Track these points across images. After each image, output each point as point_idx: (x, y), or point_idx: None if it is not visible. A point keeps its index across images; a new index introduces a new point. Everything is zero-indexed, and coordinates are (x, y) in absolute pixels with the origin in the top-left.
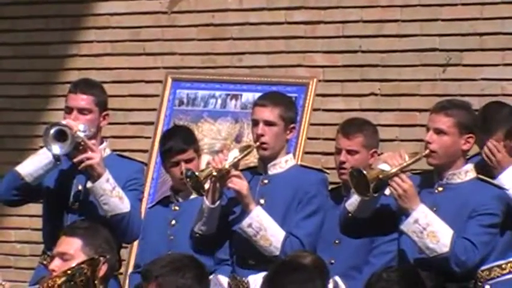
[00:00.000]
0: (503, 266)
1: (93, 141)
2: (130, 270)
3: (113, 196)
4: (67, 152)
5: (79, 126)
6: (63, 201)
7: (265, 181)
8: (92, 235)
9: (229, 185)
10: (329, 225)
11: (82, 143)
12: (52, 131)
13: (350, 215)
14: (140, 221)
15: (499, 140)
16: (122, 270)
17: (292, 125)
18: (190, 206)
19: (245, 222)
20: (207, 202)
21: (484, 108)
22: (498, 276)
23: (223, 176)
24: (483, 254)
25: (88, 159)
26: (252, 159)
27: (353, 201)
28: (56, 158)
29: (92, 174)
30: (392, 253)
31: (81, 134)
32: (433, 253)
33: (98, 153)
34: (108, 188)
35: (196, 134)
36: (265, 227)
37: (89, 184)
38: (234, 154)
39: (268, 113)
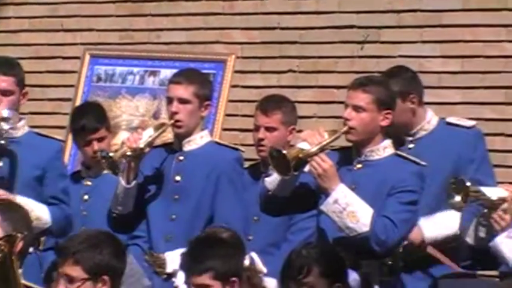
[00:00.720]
0: None
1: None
2: None
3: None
4: None
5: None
6: None
7: (181, 158)
8: (8, 211)
9: None
10: (248, 202)
11: None
12: None
13: (270, 193)
14: (67, 217)
15: None
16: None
17: (207, 102)
18: (103, 181)
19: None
20: (122, 182)
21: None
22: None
23: (138, 155)
24: (403, 231)
25: None
26: (169, 135)
27: (273, 179)
28: None
29: None
30: (310, 229)
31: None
32: (353, 232)
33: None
34: None
35: (114, 111)
36: None
37: None
38: (148, 133)
39: (182, 91)
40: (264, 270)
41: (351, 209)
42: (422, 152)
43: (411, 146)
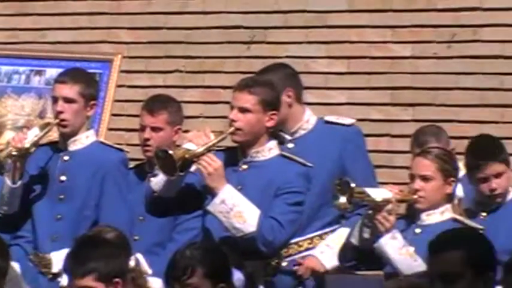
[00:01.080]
0: (300, 243)
1: None
2: None
3: None
4: None
5: None
6: None
7: (66, 157)
8: None
9: None
10: (133, 203)
11: None
12: None
13: (155, 194)
14: None
15: None
16: None
17: (92, 102)
18: None
19: None
20: (8, 182)
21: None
22: (295, 254)
23: (23, 155)
24: (290, 232)
25: None
26: (55, 135)
27: (159, 180)
28: None
29: None
30: (196, 230)
31: None
32: (239, 233)
33: None
34: None
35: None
36: None
37: None
38: (34, 132)
39: (68, 90)
40: (149, 271)
41: (237, 209)
42: (302, 152)
43: (291, 145)
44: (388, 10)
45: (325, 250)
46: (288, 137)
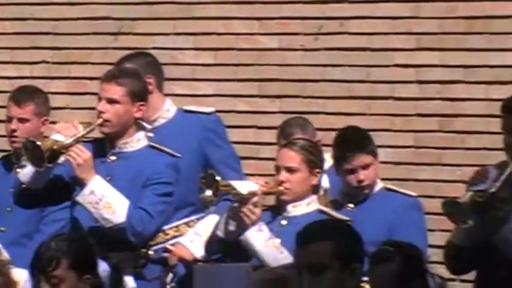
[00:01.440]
0: (167, 231)
1: None
2: None
3: None
4: None
5: None
6: None
7: None
8: None
9: None
10: (0, 194)
11: None
12: None
13: (23, 185)
14: None
15: None
16: None
17: None
18: None
19: None
20: None
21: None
22: (162, 242)
23: None
24: (159, 223)
25: None
26: None
27: (27, 172)
28: None
29: None
30: (63, 221)
31: None
32: (109, 224)
33: None
34: None
35: None
36: None
37: None
38: None
39: None
40: (8, 258)
41: (106, 200)
42: (162, 141)
43: (151, 134)
44: (256, 2)
45: (194, 239)
46: (148, 126)
